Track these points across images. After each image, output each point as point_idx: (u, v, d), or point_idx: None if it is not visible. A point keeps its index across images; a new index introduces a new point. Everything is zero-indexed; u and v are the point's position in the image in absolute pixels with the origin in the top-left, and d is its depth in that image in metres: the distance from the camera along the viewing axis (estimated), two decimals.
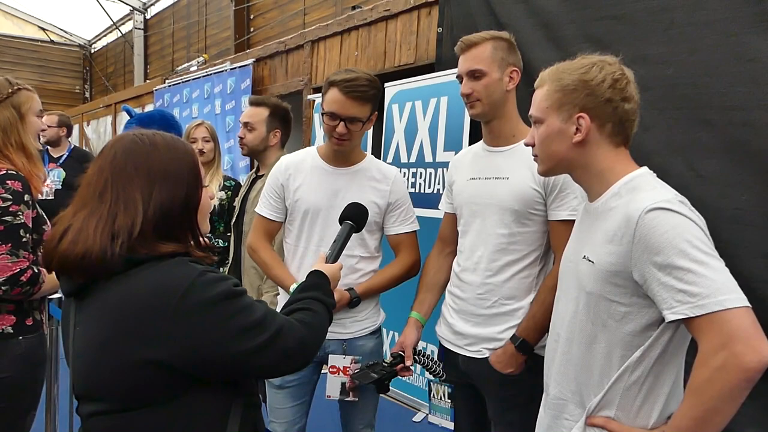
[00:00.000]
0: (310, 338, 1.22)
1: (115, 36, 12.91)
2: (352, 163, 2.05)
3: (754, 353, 1.06)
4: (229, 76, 6.22)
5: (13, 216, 1.80)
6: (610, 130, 1.32)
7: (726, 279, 1.13)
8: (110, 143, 1.16)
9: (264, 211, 2.10)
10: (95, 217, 1.08)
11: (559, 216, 1.74)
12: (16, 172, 1.84)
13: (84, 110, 11.26)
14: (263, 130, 2.69)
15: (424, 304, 1.99)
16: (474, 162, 1.93)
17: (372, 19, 4.39)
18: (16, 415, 1.90)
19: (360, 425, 2.13)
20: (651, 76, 2.20)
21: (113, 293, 1.07)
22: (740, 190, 2.03)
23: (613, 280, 1.25)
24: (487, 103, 1.80)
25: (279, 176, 2.07)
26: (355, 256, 2.00)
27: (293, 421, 2.09)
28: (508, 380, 1.77)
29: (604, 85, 1.30)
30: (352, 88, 1.88)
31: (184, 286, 1.04)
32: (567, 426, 1.36)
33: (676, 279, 1.13)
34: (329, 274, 1.48)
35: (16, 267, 1.79)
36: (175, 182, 1.12)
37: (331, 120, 1.92)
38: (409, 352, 1.90)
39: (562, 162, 1.37)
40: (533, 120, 1.40)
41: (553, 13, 2.64)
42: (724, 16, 2.07)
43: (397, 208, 2.06)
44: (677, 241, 1.14)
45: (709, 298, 1.10)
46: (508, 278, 1.79)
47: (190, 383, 1.08)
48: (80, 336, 1.12)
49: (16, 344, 1.86)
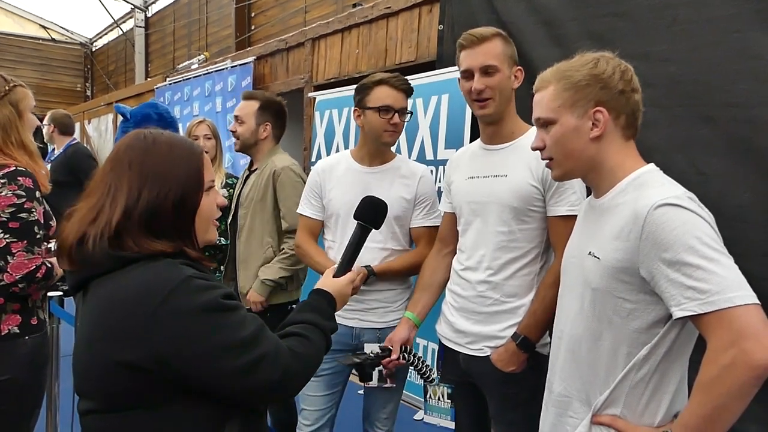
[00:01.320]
0: (297, 369, 1.12)
1: (116, 34, 12.91)
2: (383, 162, 2.17)
3: (763, 350, 1.05)
4: (230, 74, 6.22)
5: (28, 213, 1.80)
6: (624, 122, 1.32)
7: (736, 276, 1.12)
8: (122, 139, 1.17)
9: (306, 211, 2.26)
10: (86, 208, 1.09)
11: (558, 212, 1.73)
12: (25, 169, 1.84)
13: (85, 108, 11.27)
14: (252, 123, 2.67)
15: (418, 304, 1.99)
16: (472, 161, 1.92)
17: (373, 16, 4.38)
18: (21, 415, 1.90)
19: (383, 415, 2.21)
20: (653, 73, 2.19)
21: (104, 290, 1.06)
22: (742, 187, 2.03)
23: (619, 277, 1.24)
24: (499, 102, 1.77)
25: (317, 177, 2.23)
26: (387, 249, 2.12)
27: (325, 410, 2.17)
28: (510, 378, 1.76)
29: (615, 77, 1.30)
30: (401, 82, 2.10)
31: (166, 290, 1.01)
32: (572, 424, 1.35)
33: (685, 276, 1.12)
34: (334, 292, 1.37)
35: (32, 264, 1.80)
36: (169, 182, 1.10)
37: (386, 114, 2.07)
38: (396, 348, 1.93)
39: (580, 160, 1.34)
40: (541, 122, 1.37)
41: (555, 10, 2.63)
42: (727, 13, 2.06)
43: (422, 203, 2.17)
44: (686, 237, 1.13)
45: (719, 294, 1.09)
46: (509, 276, 1.79)
47: (179, 389, 1.04)
48: (78, 332, 1.12)
49: (22, 344, 1.86)
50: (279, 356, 1.09)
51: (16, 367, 1.83)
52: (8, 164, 1.82)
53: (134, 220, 1.07)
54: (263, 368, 1.06)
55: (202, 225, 1.16)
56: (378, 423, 2.22)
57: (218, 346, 1.02)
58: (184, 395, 1.04)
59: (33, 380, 1.91)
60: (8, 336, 1.83)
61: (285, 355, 1.10)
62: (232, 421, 1.10)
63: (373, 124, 2.09)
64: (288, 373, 1.09)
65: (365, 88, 2.11)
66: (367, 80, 2.14)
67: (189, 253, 1.12)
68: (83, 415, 1.11)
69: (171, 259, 1.07)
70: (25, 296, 1.88)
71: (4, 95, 1.89)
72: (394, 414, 2.24)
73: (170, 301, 1.01)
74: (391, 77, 2.10)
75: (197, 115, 6.79)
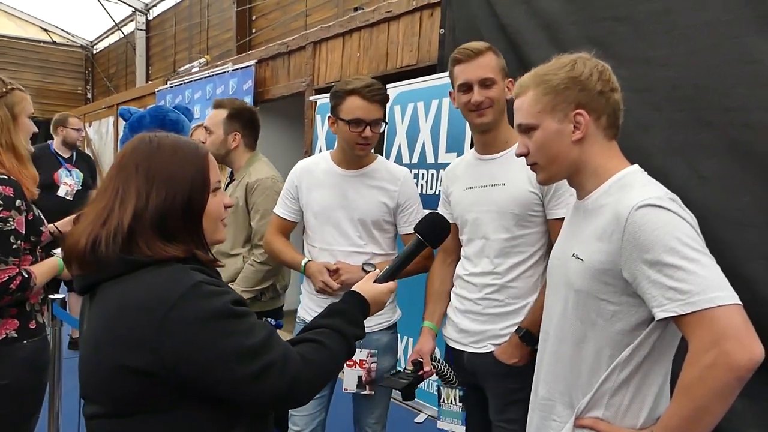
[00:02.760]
0: (307, 377, 1.10)
1: (117, 37, 12.93)
2: (362, 165, 2.13)
3: (744, 351, 1.05)
4: (231, 77, 6.23)
5: (3, 222, 1.76)
6: (605, 122, 1.32)
7: (717, 276, 1.11)
8: (127, 143, 1.18)
9: (279, 210, 2.24)
10: (95, 212, 1.09)
11: (557, 215, 1.76)
12: (7, 177, 1.81)
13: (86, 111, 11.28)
14: (220, 132, 2.63)
15: (435, 314, 2.02)
16: (468, 171, 1.95)
17: (374, 20, 4.39)
18: (20, 419, 1.89)
19: (372, 420, 2.19)
20: (652, 78, 2.20)
21: (113, 294, 1.06)
22: (741, 191, 2.03)
23: (602, 278, 1.24)
24: (496, 111, 1.83)
25: (294, 179, 2.20)
26: (367, 253, 2.10)
27: (314, 415, 2.15)
28: (511, 373, 1.79)
29: (593, 78, 1.31)
30: (374, 92, 1.99)
31: (176, 295, 1.01)
32: (555, 428, 1.36)
33: (666, 276, 1.12)
34: (370, 296, 1.33)
35: (4, 275, 1.76)
36: (176, 184, 1.10)
37: (357, 127, 2.00)
38: (427, 359, 1.93)
39: (564, 163, 1.35)
40: (523, 128, 1.38)
41: (554, 14, 2.64)
42: (725, 18, 2.07)
43: (407, 209, 2.14)
44: (667, 238, 1.13)
45: (700, 295, 1.09)
46: (513, 278, 1.82)
47: (186, 394, 1.04)
48: (85, 336, 1.13)
49: (21, 348, 1.85)
50: (288, 364, 1.07)
51: (15, 372, 1.83)
52: None
53: (145, 222, 1.07)
54: (271, 376, 1.05)
55: (210, 225, 1.17)
56: (368, 428, 2.21)
57: (226, 353, 1.02)
58: (191, 400, 1.04)
59: (32, 384, 1.90)
60: (6, 340, 1.83)
61: (294, 363, 1.08)
62: (238, 426, 1.09)
63: (344, 135, 2.06)
64: (296, 381, 1.08)
65: (338, 96, 2.05)
66: (339, 86, 2.05)
67: (200, 257, 1.12)
68: (89, 419, 1.11)
69: (181, 264, 1.07)
70: (22, 300, 1.86)
71: (1, 97, 1.87)
72: (383, 418, 2.23)
73: (180, 306, 1.01)
74: (364, 86, 1.99)
75: (198, 119, 6.81)
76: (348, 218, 2.09)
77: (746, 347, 1.05)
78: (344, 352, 1.21)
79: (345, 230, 2.10)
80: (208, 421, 1.07)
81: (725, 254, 1.94)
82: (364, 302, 1.32)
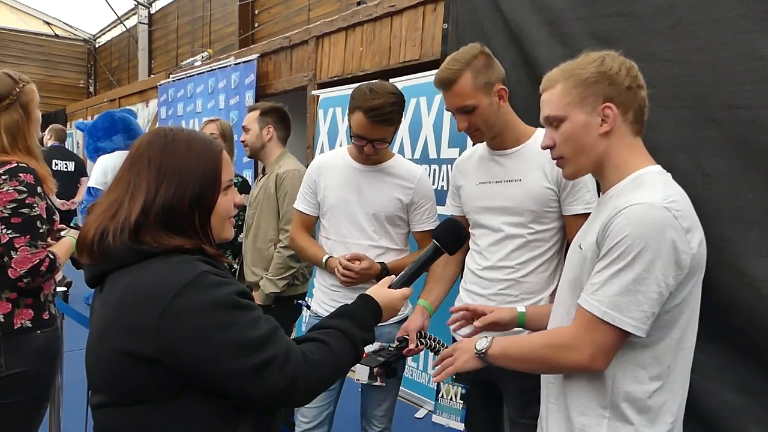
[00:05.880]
0: (307, 376, 1.08)
1: (119, 31, 12.93)
2: (379, 161, 2.16)
3: (585, 358, 1.23)
4: (234, 71, 6.22)
5: (29, 208, 1.82)
6: (632, 117, 1.34)
7: (629, 300, 1.19)
8: (142, 136, 1.18)
9: (300, 206, 2.30)
10: (107, 203, 1.11)
11: (574, 210, 1.76)
12: (26, 165, 1.86)
13: (88, 105, 11.29)
14: (256, 128, 2.87)
15: (432, 294, 2.00)
16: (481, 166, 1.93)
17: (377, 14, 4.38)
18: (33, 407, 1.93)
19: (379, 413, 2.21)
20: (658, 74, 2.19)
21: (121, 283, 1.07)
22: (747, 189, 2.02)
23: (589, 266, 1.28)
24: (487, 128, 1.81)
25: (312, 173, 2.25)
26: (381, 247, 2.13)
27: (323, 407, 2.16)
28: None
29: (622, 73, 1.32)
30: (378, 116, 1.98)
31: (181, 284, 1.01)
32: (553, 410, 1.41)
33: (606, 269, 1.21)
34: (382, 301, 1.31)
35: (35, 258, 1.83)
36: (186, 180, 1.10)
37: (358, 141, 2.05)
38: (413, 336, 1.91)
39: (591, 156, 1.35)
40: (550, 121, 1.38)
41: (559, 9, 2.63)
42: (732, 14, 2.06)
43: (421, 207, 2.17)
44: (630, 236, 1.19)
45: (604, 306, 1.20)
46: (528, 273, 1.82)
47: (190, 384, 1.04)
48: (92, 325, 1.13)
49: (35, 338, 1.90)
50: (289, 361, 1.06)
51: (29, 360, 1.87)
52: (10, 161, 1.84)
53: (152, 217, 1.08)
54: (270, 372, 1.03)
55: (218, 223, 1.17)
56: (375, 420, 2.23)
57: (227, 344, 1.01)
58: (197, 390, 1.04)
59: (45, 373, 1.94)
60: (21, 330, 1.87)
61: (296, 360, 1.07)
62: (244, 419, 1.09)
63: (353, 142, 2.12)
64: (296, 379, 1.06)
65: (350, 103, 2.05)
66: (354, 93, 2.04)
67: (207, 251, 1.12)
68: (95, 408, 1.11)
69: (188, 255, 1.08)
70: (37, 291, 1.91)
71: (15, 99, 1.88)
72: (390, 411, 2.25)
73: (184, 294, 1.01)
74: (369, 108, 1.97)
75: (200, 113, 6.80)
76: (363, 212, 2.13)
77: (594, 362, 1.23)
78: (350, 356, 1.19)
79: (360, 224, 2.14)
80: (214, 413, 1.06)
81: (729, 251, 1.93)
82: (377, 307, 1.31)
